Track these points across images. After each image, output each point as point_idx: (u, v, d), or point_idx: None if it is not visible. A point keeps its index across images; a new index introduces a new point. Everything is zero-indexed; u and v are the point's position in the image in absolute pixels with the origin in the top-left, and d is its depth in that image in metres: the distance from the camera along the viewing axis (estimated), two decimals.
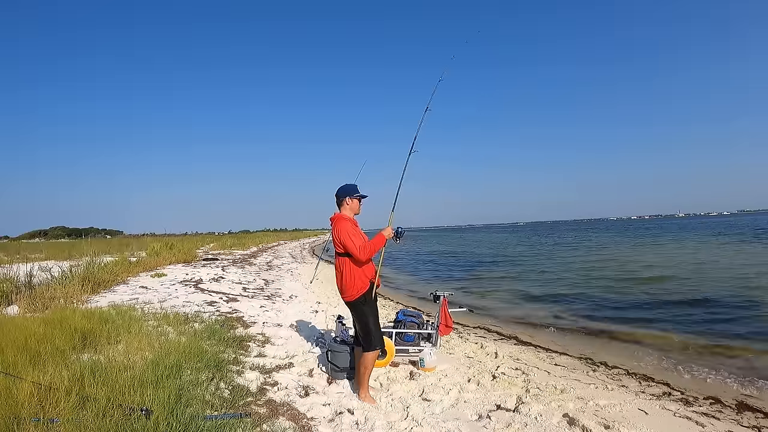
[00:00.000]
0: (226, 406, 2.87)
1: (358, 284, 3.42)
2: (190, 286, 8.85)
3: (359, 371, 3.51)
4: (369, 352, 3.46)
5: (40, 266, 8.64)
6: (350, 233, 3.40)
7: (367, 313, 3.46)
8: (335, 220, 3.53)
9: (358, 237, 3.43)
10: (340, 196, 3.58)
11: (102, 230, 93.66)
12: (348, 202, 3.57)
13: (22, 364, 2.88)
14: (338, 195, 3.59)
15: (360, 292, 3.42)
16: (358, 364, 3.55)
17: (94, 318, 4.41)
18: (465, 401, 3.60)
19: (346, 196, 3.57)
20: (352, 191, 3.58)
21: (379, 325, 3.55)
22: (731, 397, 4.11)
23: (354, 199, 3.57)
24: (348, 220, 3.51)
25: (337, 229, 3.45)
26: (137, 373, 2.88)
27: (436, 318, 4.71)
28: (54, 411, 2.27)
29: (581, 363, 5.22)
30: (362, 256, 3.36)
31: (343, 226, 3.43)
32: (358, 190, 3.59)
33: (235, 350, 4.27)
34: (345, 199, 3.57)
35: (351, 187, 3.60)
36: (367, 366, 3.46)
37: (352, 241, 3.37)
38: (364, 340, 3.50)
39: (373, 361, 3.49)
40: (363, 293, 3.43)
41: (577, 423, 3.17)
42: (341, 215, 3.55)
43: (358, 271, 3.42)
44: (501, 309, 9.01)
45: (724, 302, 8.44)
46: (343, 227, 3.42)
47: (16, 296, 6.07)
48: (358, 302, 3.44)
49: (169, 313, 5.41)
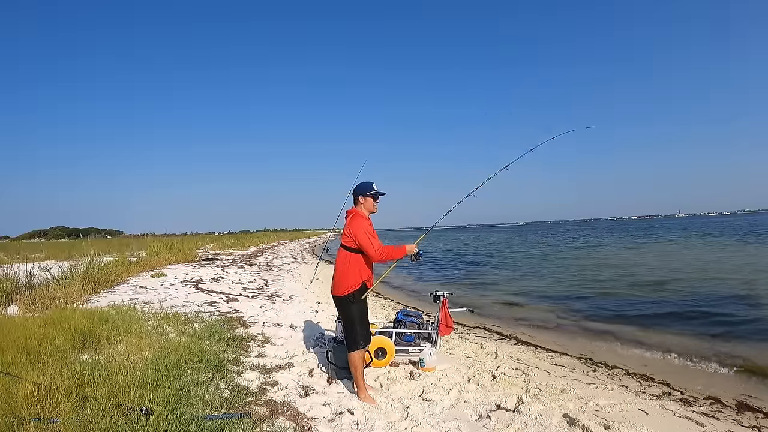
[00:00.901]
0: (226, 406, 2.87)
1: (351, 282, 3.38)
2: (190, 286, 8.85)
3: (351, 372, 3.51)
4: (352, 352, 3.44)
5: (40, 266, 8.64)
6: (370, 232, 3.36)
7: (353, 311, 3.42)
8: (353, 214, 3.47)
9: (377, 238, 3.39)
10: (356, 194, 3.51)
11: (102, 230, 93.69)
12: (361, 201, 3.49)
13: (22, 364, 2.88)
14: (354, 193, 3.52)
15: (350, 289, 3.39)
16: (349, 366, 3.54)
17: (94, 318, 4.42)
18: (465, 401, 3.59)
19: (360, 194, 3.49)
20: (366, 188, 3.48)
21: (364, 325, 3.49)
22: (731, 397, 4.11)
23: (368, 197, 3.48)
24: (365, 218, 3.46)
25: (355, 224, 3.38)
26: (137, 373, 2.88)
27: (436, 318, 4.71)
28: (54, 411, 2.27)
29: (581, 363, 5.22)
30: (377, 257, 3.34)
31: (363, 223, 3.38)
32: (373, 188, 3.48)
33: (235, 350, 4.27)
34: (359, 197, 3.50)
35: (365, 185, 3.50)
36: (356, 366, 3.44)
37: (371, 241, 3.33)
38: (346, 339, 3.50)
39: (359, 360, 3.45)
40: (353, 291, 3.39)
41: (577, 423, 3.17)
42: (359, 212, 3.48)
43: (356, 269, 3.39)
44: (501, 309, 9.02)
45: (725, 302, 8.43)
46: (362, 224, 3.37)
47: (16, 296, 6.07)
48: (347, 299, 3.41)
49: (169, 313, 5.41)
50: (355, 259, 3.39)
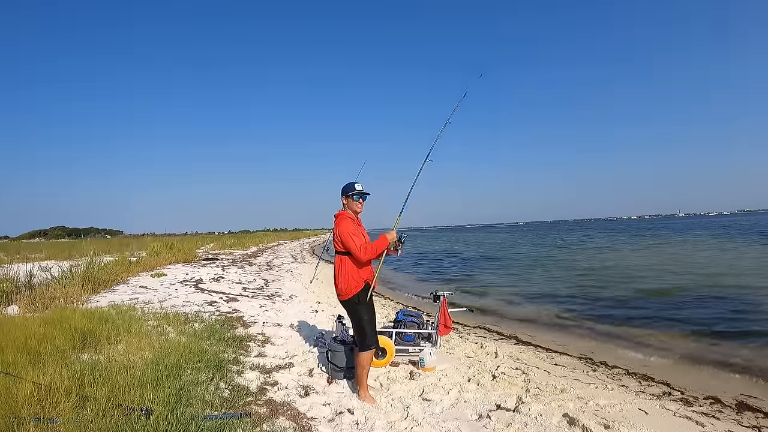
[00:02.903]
0: (226, 406, 2.87)
1: (353, 284, 3.38)
2: (190, 285, 8.85)
3: (357, 371, 3.50)
4: (363, 352, 3.43)
5: (40, 266, 8.64)
6: (351, 232, 3.35)
7: (361, 312, 3.41)
8: (337, 217, 3.49)
9: (359, 236, 3.38)
10: (341, 195, 3.55)
11: (102, 230, 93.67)
12: (344, 201, 3.53)
13: (22, 364, 2.88)
14: (340, 194, 3.56)
15: (353, 291, 3.39)
16: (355, 365, 3.55)
17: (94, 318, 4.42)
18: (465, 401, 3.59)
19: (342, 195, 3.53)
20: (347, 189, 3.50)
21: (374, 325, 3.49)
22: (731, 397, 4.11)
23: (349, 198, 3.49)
24: (349, 219, 3.45)
25: (338, 227, 3.41)
26: (137, 373, 2.87)
27: (436, 318, 4.71)
28: (54, 411, 2.27)
29: (581, 363, 5.22)
30: (363, 256, 3.31)
31: (344, 225, 3.39)
32: (354, 188, 3.48)
33: (235, 350, 4.27)
34: (342, 198, 3.54)
35: (347, 186, 3.52)
36: (364, 366, 3.44)
37: (353, 240, 3.32)
38: (358, 339, 3.50)
39: (368, 360, 3.46)
40: (356, 293, 3.39)
41: (577, 423, 3.17)
42: (343, 213, 3.49)
43: (354, 270, 3.38)
44: (501, 309, 9.01)
45: (725, 302, 8.43)
46: (344, 226, 3.38)
47: (16, 296, 6.07)
48: (352, 301, 3.41)
49: (169, 312, 5.41)
50: (350, 261, 3.39)
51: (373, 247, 3.37)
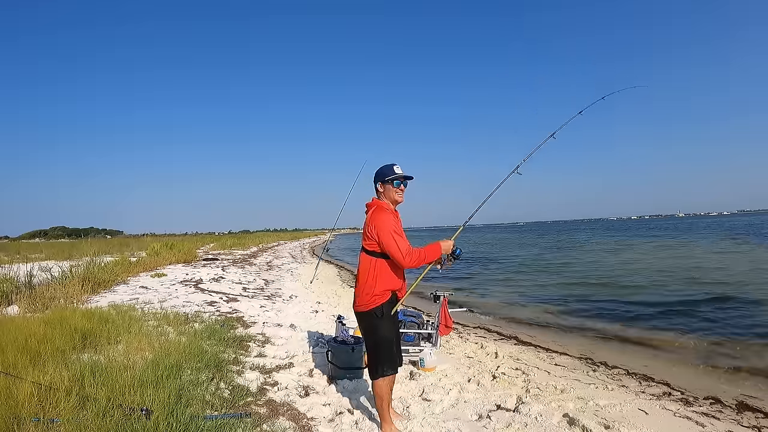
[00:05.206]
0: (226, 406, 2.87)
1: (378, 292, 2.72)
2: (190, 286, 8.85)
3: (375, 402, 2.88)
4: (378, 380, 2.76)
5: (40, 266, 8.65)
6: (394, 230, 2.68)
7: (382, 329, 2.75)
8: (373, 207, 2.82)
9: (404, 237, 2.72)
10: (374, 182, 2.87)
11: (102, 230, 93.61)
12: (380, 189, 2.84)
13: (22, 364, 2.88)
14: (374, 180, 2.89)
15: (378, 302, 2.73)
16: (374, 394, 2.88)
17: (94, 318, 4.41)
18: (465, 401, 3.59)
19: (377, 181, 2.85)
20: (384, 173, 2.81)
21: (392, 346, 2.79)
22: (731, 397, 4.11)
23: (387, 184, 2.80)
24: (390, 212, 2.78)
25: (376, 221, 2.71)
26: (137, 373, 2.87)
27: (436, 318, 4.71)
28: (54, 411, 2.28)
29: (581, 363, 5.22)
30: (407, 263, 2.68)
31: (385, 220, 2.69)
32: (393, 171, 2.78)
33: (235, 350, 4.27)
34: (377, 186, 2.85)
35: (384, 168, 2.83)
36: (383, 396, 2.78)
37: (396, 243, 2.65)
38: (371, 362, 2.82)
39: (385, 389, 2.77)
40: (381, 304, 2.73)
41: (577, 423, 3.17)
42: (381, 204, 2.81)
43: (383, 276, 2.73)
44: (501, 309, 9.01)
45: (725, 302, 8.43)
46: (385, 221, 2.69)
47: (16, 296, 6.07)
48: (373, 314, 2.73)
49: (169, 313, 5.41)
50: (381, 265, 2.73)
51: (423, 255, 2.72)
